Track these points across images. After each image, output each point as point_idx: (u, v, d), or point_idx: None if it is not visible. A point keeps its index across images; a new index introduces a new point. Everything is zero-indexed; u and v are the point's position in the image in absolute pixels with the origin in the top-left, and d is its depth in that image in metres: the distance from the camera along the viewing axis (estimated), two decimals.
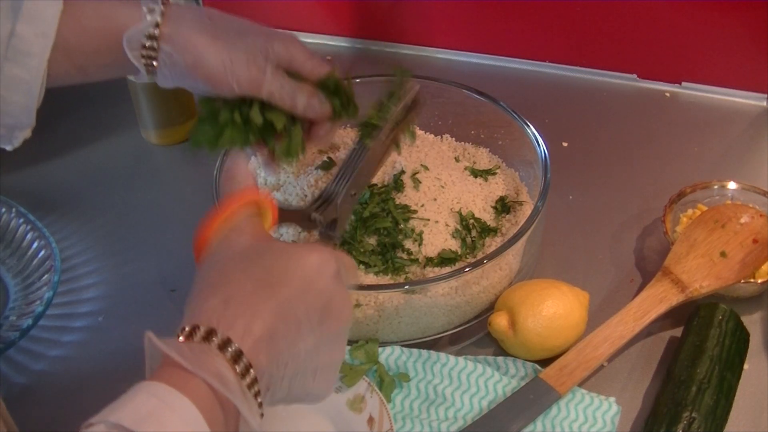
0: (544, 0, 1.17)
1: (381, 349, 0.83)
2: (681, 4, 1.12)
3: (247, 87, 0.76)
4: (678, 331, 0.86)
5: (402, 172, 0.92)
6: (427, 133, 1.04)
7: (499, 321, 0.83)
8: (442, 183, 0.92)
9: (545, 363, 0.82)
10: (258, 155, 1.00)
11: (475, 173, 0.97)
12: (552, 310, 0.82)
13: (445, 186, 0.92)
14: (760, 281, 0.87)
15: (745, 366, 0.82)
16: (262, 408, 0.53)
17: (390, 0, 1.24)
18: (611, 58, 1.20)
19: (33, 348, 0.88)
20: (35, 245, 0.93)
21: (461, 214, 0.90)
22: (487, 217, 0.92)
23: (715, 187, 0.97)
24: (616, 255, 0.96)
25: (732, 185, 0.96)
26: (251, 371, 0.52)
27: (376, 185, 0.91)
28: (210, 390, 0.50)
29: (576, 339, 0.83)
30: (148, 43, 0.75)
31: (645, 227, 0.99)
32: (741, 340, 0.83)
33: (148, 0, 0.76)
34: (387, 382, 0.80)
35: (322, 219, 0.74)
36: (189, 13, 0.77)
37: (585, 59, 1.21)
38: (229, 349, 0.51)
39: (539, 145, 0.93)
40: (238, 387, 0.51)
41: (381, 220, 0.88)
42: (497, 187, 0.96)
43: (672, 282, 0.86)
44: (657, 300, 0.85)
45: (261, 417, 0.53)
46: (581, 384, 0.81)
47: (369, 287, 0.82)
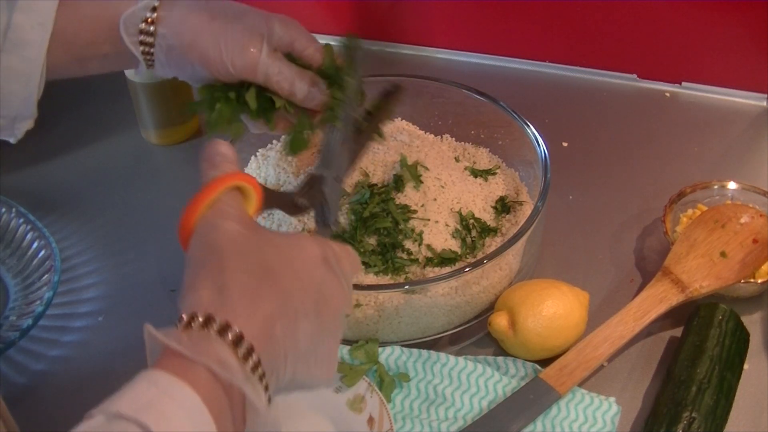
0: (544, 0, 1.17)
1: (381, 349, 0.83)
2: (681, 4, 1.12)
3: (242, 69, 0.73)
4: (678, 331, 0.86)
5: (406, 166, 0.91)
6: (427, 133, 1.04)
7: (499, 321, 0.83)
8: (442, 183, 0.92)
9: (545, 363, 0.82)
10: (258, 155, 1.00)
11: (475, 173, 0.97)
12: (552, 310, 0.82)
13: (445, 186, 0.92)
14: (760, 281, 0.87)
15: (745, 366, 0.82)
16: (269, 392, 0.53)
17: (390, 0, 1.24)
18: (611, 58, 1.20)
19: (33, 348, 0.88)
20: (35, 245, 0.93)
21: (461, 214, 0.90)
22: (487, 217, 0.92)
23: (715, 187, 0.97)
24: (616, 255, 0.96)
25: (732, 185, 0.96)
26: (254, 355, 0.51)
27: (376, 185, 0.91)
28: (212, 376, 0.49)
29: (576, 339, 0.83)
30: (144, 27, 0.73)
31: (645, 227, 0.99)
32: (741, 340, 0.83)
33: None
34: (387, 382, 0.80)
35: (306, 203, 0.73)
36: None
37: (585, 59, 1.21)
38: (229, 334, 0.51)
39: (539, 145, 0.93)
40: (240, 370, 0.50)
41: (381, 220, 0.87)
42: (497, 187, 0.96)
43: (672, 282, 0.86)
44: (657, 300, 0.85)
45: (269, 402, 0.53)
46: (581, 384, 0.81)
47: (369, 287, 0.82)
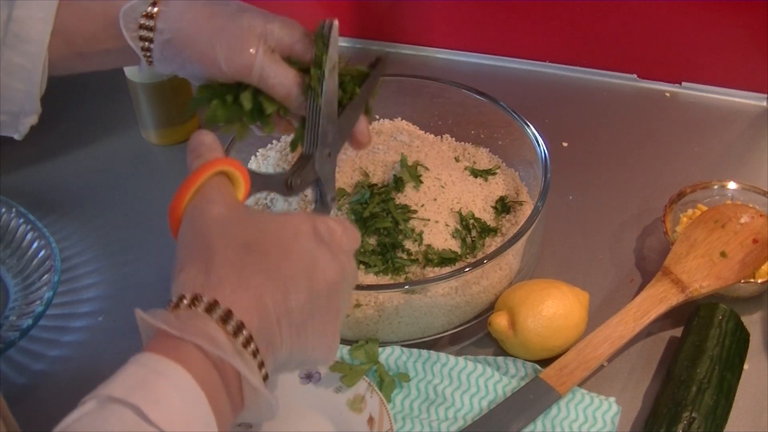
0: (544, 0, 1.17)
1: (381, 349, 0.83)
2: (681, 4, 1.12)
3: (237, 70, 0.72)
4: (678, 331, 0.86)
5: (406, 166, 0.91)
6: (427, 133, 1.04)
7: (499, 321, 0.83)
8: (442, 183, 0.92)
9: (545, 363, 0.82)
10: (258, 155, 1.01)
11: (475, 173, 0.97)
12: (552, 310, 0.82)
13: (445, 186, 0.92)
14: (760, 281, 0.87)
15: (745, 366, 0.82)
16: (266, 368, 0.53)
17: (390, 0, 1.24)
18: (611, 58, 1.20)
19: (33, 348, 0.88)
20: (35, 245, 0.93)
21: (461, 214, 0.90)
22: (487, 217, 0.92)
23: (715, 187, 0.97)
24: (616, 255, 0.96)
25: (732, 185, 0.96)
26: (244, 331, 0.51)
27: (376, 185, 0.91)
28: (202, 354, 0.49)
29: (576, 339, 0.83)
30: (143, 21, 0.72)
31: (645, 227, 0.99)
32: (741, 340, 0.83)
33: None
34: (387, 382, 0.80)
35: (299, 182, 0.72)
36: None
37: (585, 59, 1.21)
38: (217, 311, 0.51)
39: (539, 145, 0.93)
40: (231, 346, 0.50)
41: (381, 220, 0.87)
42: (497, 187, 0.96)
43: (672, 282, 0.86)
44: (657, 300, 0.85)
45: (266, 378, 0.53)
46: (581, 384, 0.81)
47: (369, 287, 0.82)
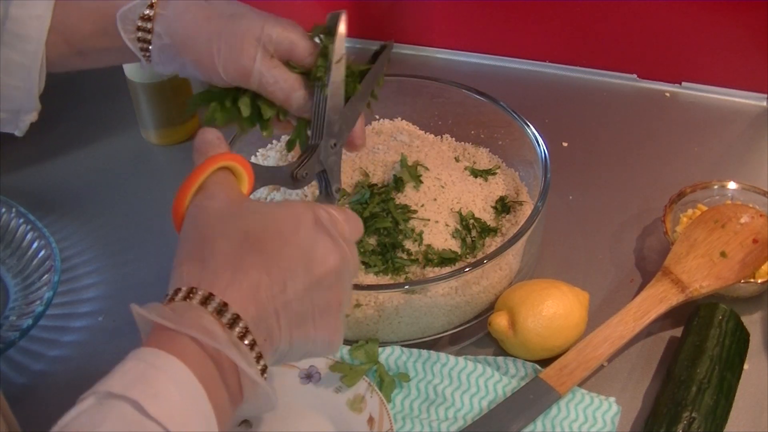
0: (544, 0, 1.17)
1: (381, 349, 0.83)
2: (681, 4, 1.12)
3: (235, 76, 0.71)
4: (678, 331, 0.86)
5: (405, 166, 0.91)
6: (427, 133, 1.04)
7: (499, 321, 0.83)
8: (442, 183, 0.92)
9: (545, 363, 0.82)
10: (258, 155, 1.00)
11: (475, 173, 0.97)
12: (552, 310, 0.82)
13: (445, 186, 0.92)
14: (760, 281, 0.87)
15: (745, 366, 0.82)
16: (264, 360, 0.53)
17: (390, 0, 1.24)
18: (611, 58, 1.20)
19: (33, 348, 0.88)
20: (35, 245, 0.93)
21: (461, 214, 0.90)
22: (487, 217, 0.92)
23: (715, 187, 0.97)
24: (616, 255, 0.96)
25: (732, 185, 0.96)
26: (240, 323, 0.51)
27: (376, 185, 0.91)
28: (198, 346, 0.49)
29: (576, 339, 0.83)
30: (141, 24, 0.71)
31: (645, 227, 0.99)
32: (741, 340, 0.83)
33: None
34: (387, 382, 0.80)
35: (305, 174, 0.72)
36: None
37: (585, 59, 1.21)
38: (212, 303, 0.51)
39: (539, 145, 0.93)
40: (226, 338, 0.50)
41: (381, 220, 0.87)
42: (497, 187, 0.96)
43: (672, 282, 0.86)
44: (657, 300, 0.85)
45: (265, 370, 0.53)
46: (581, 384, 0.81)
47: (369, 287, 0.82)
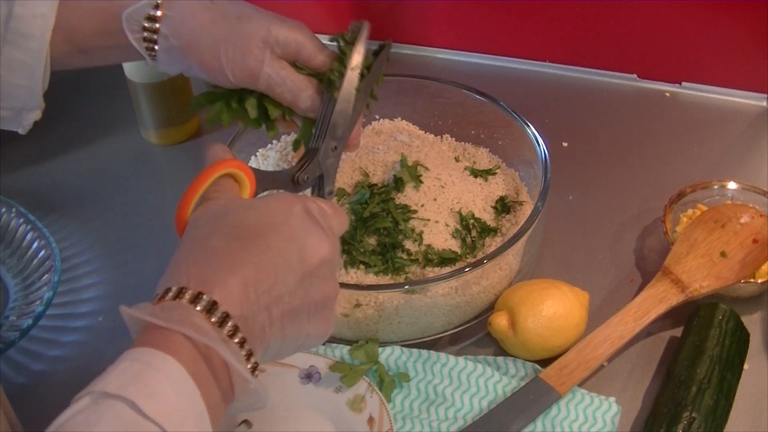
0: (544, 0, 1.17)
1: (381, 349, 0.83)
2: (681, 4, 1.12)
3: (243, 77, 0.71)
4: (678, 331, 0.86)
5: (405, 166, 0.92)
6: (427, 133, 1.04)
7: (499, 321, 0.83)
8: (442, 183, 0.92)
9: (545, 363, 0.82)
10: (258, 155, 1.00)
11: (475, 173, 0.97)
12: (552, 310, 0.82)
13: (445, 186, 0.92)
14: (760, 281, 0.87)
15: (745, 366, 0.82)
16: (255, 358, 0.53)
17: (390, 0, 1.24)
18: (611, 58, 1.20)
19: (33, 348, 0.88)
20: (35, 245, 0.93)
21: (461, 214, 0.90)
22: (487, 217, 0.92)
23: (715, 187, 0.97)
24: (616, 255, 0.96)
25: (732, 185, 0.96)
26: (229, 321, 0.51)
27: (376, 185, 0.91)
28: (189, 343, 0.50)
29: (576, 339, 0.83)
30: (147, 25, 0.71)
31: (645, 227, 0.99)
32: (741, 340, 0.83)
33: None
34: (387, 382, 0.80)
35: (306, 177, 0.73)
36: None
37: (585, 59, 1.21)
38: (202, 302, 0.51)
39: (539, 145, 0.93)
40: (216, 336, 0.50)
41: (381, 220, 0.87)
42: (497, 187, 0.96)
43: (672, 282, 0.86)
44: (657, 300, 0.85)
45: (255, 368, 0.53)
46: (581, 384, 0.81)
47: (369, 287, 0.82)
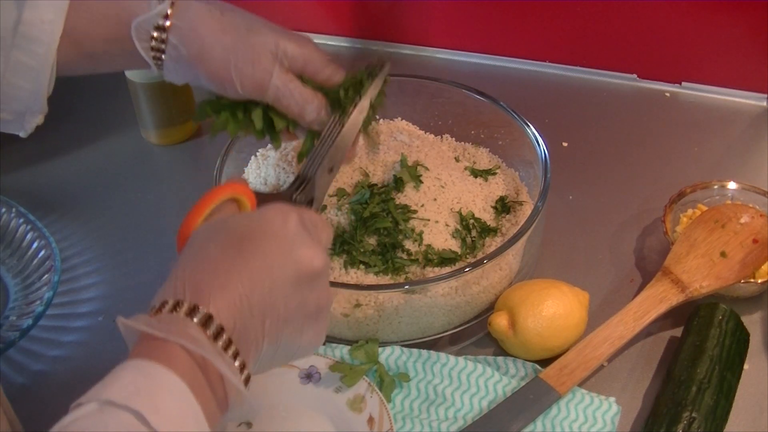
0: (544, 0, 1.17)
1: (381, 349, 0.83)
2: (681, 4, 1.12)
3: (251, 89, 0.73)
4: (678, 331, 0.86)
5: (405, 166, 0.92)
6: (427, 133, 1.04)
7: (499, 321, 0.83)
8: (442, 183, 0.92)
9: (545, 363, 0.82)
10: (258, 155, 1.00)
11: (475, 173, 0.97)
12: (552, 310, 0.82)
13: (445, 186, 0.92)
14: (760, 281, 0.87)
15: (745, 366, 0.82)
16: (248, 369, 0.53)
17: (390, 0, 1.24)
18: (611, 58, 1.20)
19: (33, 348, 0.88)
20: (35, 245, 0.93)
21: (461, 214, 0.90)
22: (487, 217, 0.92)
23: (715, 187, 0.97)
24: (616, 255, 0.96)
25: (732, 185, 0.96)
26: (224, 334, 0.52)
27: (376, 185, 0.91)
28: (186, 355, 0.50)
29: (576, 339, 0.83)
30: (156, 34, 0.72)
31: (645, 227, 0.99)
32: (741, 340, 0.83)
33: None
34: (387, 382, 0.80)
35: (303, 199, 0.74)
36: (199, 5, 0.73)
37: (585, 59, 1.21)
38: (198, 315, 0.51)
39: (539, 145, 0.93)
40: (213, 349, 0.51)
41: (381, 220, 0.87)
42: (497, 187, 0.96)
43: (672, 282, 0.86)
44: (657, 300, 0.85)
45: (248, 380, 0.53)
46: (581, 384, 0.81)
47: (369, 287, 0.82)
